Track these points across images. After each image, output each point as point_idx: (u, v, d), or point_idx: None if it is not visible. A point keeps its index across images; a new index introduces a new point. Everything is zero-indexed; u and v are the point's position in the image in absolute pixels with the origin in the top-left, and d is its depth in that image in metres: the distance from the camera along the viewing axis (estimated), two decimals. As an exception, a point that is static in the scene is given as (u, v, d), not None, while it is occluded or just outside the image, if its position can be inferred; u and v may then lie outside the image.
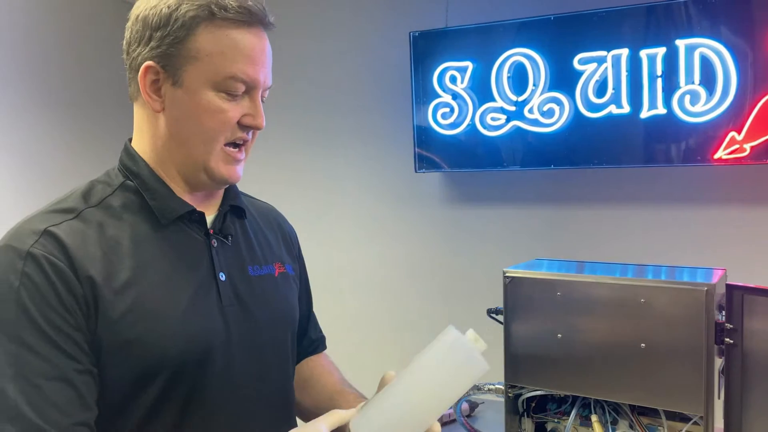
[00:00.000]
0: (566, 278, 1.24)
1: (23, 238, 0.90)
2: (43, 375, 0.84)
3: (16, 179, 2.88)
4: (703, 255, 2.38)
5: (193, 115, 0.97)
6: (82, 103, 3.22)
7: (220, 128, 0.98)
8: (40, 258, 0.88)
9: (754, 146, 2.18)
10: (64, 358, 0.86)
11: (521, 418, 1.35)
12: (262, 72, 1.00)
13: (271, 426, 1.06)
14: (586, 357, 1.22)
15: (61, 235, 0.90)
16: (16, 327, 0.85)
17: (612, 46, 2.36)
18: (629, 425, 1.27)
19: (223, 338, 0.99)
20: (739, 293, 1.10)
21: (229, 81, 0.97)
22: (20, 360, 0.84)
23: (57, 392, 0.85)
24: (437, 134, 2.72)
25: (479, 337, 0.88)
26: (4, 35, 2.87)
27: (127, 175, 1.02)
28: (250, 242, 1.12)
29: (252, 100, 1.00)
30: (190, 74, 0.96)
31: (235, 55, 0.96)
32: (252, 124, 1.00)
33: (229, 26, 0.96)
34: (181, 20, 0.95)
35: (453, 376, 0.89)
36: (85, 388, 0.87)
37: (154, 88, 0.98)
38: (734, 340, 1.10)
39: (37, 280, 0.87)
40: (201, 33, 0.95)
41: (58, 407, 0.84)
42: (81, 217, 0.95)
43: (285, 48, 3.11)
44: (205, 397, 0.97)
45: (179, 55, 0.96)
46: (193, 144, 0.99)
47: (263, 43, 1.01)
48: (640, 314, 1.17)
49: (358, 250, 3.09)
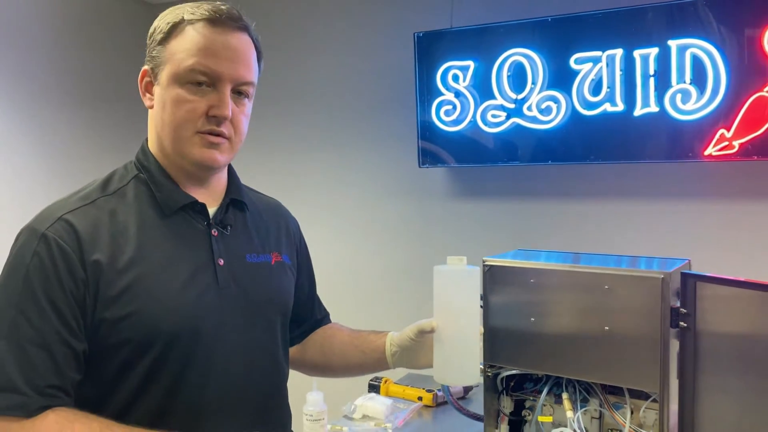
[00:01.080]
0: (538, 266, 1.34)
1: (43, 222, 1.04)
2: (30, 341, 0.99)
3: (35, 173, 3.04)
4: (691, 247, 2.46)
5: (165, 107, 1.10)
6: (99, 100, 3.37)
7: (188, 117, 1.08)
8: (51, 241, 1.02)
9: (743, 143, 2.26)
10: (51, 330, 1.00)
11: (500, 396, 1.46)
12: (227, 65, 1.09)
13: (260, 405, 1.18)
14: (556, 339, 1.32)
15: (75, 221, 1.04)
16: (20, 296, 1.00)
17: (607, 47, 2.44)
18: (599, 404, 1.37)
19: (217, 316, 1.10)
20: (692, 280, 1.19)
21: (189, 73, 1.07)
22: (15, 324, 0.99)
23: (38, 357, 0.99)
24: (440, 130, 2.82)
25: (455, 257, 1.18)
26: (28, 35, 3.02)
27: (140, 168, 1.15)
28: (249, 232, 1.24)
29: (218, 91, 1.09)
30: (165, 72, 1.09)
31: (194, 49, 1.07)
32: (216, 113, 1.09)
33: (195, 27, 1.09)
34: (162, 28, 1.10)
35: (464, 291, 1.18)
36: (62, 357, 1.01)
37: (148, 89, 1.13)
38: (688, 324, 1.19)
39: (44, 259, 1.01)
40: (174, 37, 1.09)
41: (36, 370, 0.99)
42: (95, 204, 1.08)
43: (298, 49, 3.24)
44: (196, 369, 1.09)
45: (160, 57, 1.10)
46: (167, 133, 1.11)
47: (229, 39, 1.10)
48: (604, 300, 1.26)
49: (364, 240, 3.21)
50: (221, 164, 1.15)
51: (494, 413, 1.45)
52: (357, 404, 1.85)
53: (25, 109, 2.99)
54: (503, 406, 1.46)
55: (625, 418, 1.30)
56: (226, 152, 1.14)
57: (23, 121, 2.99)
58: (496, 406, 1.46)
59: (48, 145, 3.09)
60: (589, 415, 1.35)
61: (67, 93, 3.18)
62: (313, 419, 1.61)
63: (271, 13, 3.32)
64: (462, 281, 1.18)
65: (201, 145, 1.10)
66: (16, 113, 2.96)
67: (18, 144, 2.97)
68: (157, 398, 1.07)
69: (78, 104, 3.23)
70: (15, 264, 1.03)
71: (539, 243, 2.58)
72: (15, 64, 2.95)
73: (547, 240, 2.73)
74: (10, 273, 1.03)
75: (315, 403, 1.62)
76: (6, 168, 2.91)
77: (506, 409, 1.45)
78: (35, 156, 3.03)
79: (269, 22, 3.26)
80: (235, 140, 1.15)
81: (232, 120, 1.12)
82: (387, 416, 1.81)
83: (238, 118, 1.13)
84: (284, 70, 3.27)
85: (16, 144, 2.96)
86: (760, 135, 2.22)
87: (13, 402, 0.97)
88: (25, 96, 2.99)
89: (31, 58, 3.02)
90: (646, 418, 1.29)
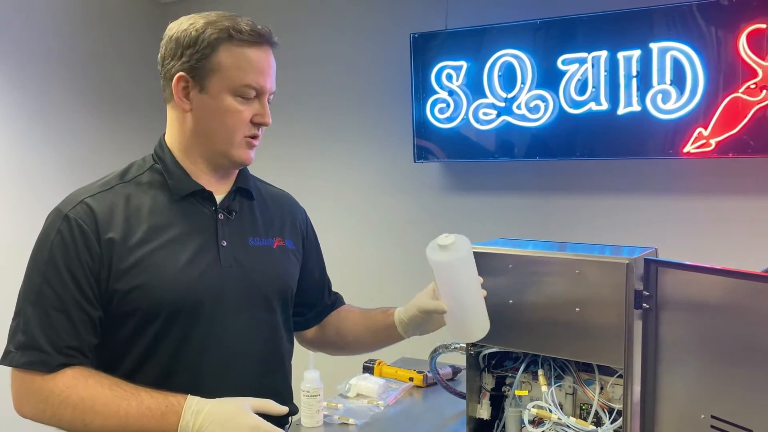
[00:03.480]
0: (516, 253, 1.46)
1: (67, 204, 1.19)
2: (52, 306, 1.14)
3: (54, 168, 3.15)
4: (670, 238, 2.57)
5: (216, 115, 1.24)
6: (118, 100, 3.48)
7: (238, 125, 1.24)
8: (72, 221, 1.17)
9: (719, 141, 2.37)
10: (71, 297, 1.15)
11: (482, 373, 1.58)
12: (269, 81, 1.27)
13: (258, 373, 1.30)
14: (532, 319, 1.43)
15: (94, 204, 1.19)
16: (45, 267, 1.15)
17: (592, 48, 2.55)
18: (573, 381, 1.48)
19: (218, 292, 1.23)
20: (654, 266, 1.30)
21: (243, 88, 1.23)
22: (41, 291, 1.15)
23: (59, 321, 1.14)
24: (434, 127, 2.92)
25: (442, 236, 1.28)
26: (50, 39, 3.13)
27: (156, 160, 1.29)
28: (254, 218, 1.37)
29: (261, 103, 1.26)
30: (213, 83, 1.22)
31: (248, 68, 1.23)
32: (261, 122, 1.26)
33: (243, 45, 1.23)
34: (207, 41, 1.21)
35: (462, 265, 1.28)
36: (80, 322, 1.16)
37: (184, 94, 1.24)
38: (650, 305, 1.31)
39: (66, 236, 1.16)
40: (222, 51, 1.22)
41: (57, 332, 1.14)
42: (113, 190, 1.23)
43: (297, 49, 3.35)
44: (196, 340, 1.22)
45: (204, 68, 1.22)
46: (217, 137, 1.25)
47: (269, 58, 1.27)
48: (576, 283, 1.38)
49: (361, 232, 3.33)
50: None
51: (477, 389, 1.57)
52: (351, 383, 1.97)
53: (39, 107, 3.10)
54: (485, 382, 1.57)
55: (595, 393, 1.42)
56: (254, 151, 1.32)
57: (36, 118, 3.09)
58: (478, 383, 1.57)
59: (61, 142, 3.20)
60: (564, 391, 1.46)
61: (76, 89, 3.28)
62: (309, 395, 1.74)
63: (270, 13, 3.42)
64: (457, 256, 1.28)
65: (246, 147, 1.27)
66: (31, 111, 3.07)
67: (32, 146, 3.09)
68: (162, 362, 1.20)
69: (91, 101, 3.34)
70: (42, 240, 1.18)
71: (527, 233, 2.69)
72: (30, 62, 3.05)
73: (534, 231, 2.84)
74: (38, 248, 1.18)
75: (312, 381, 1.74)
76: (22, 169, 3.04)
77: (488, 385, 1.56)
78: (48, 153, 3.14)
79: (268, 22, 3.36)
80: (259, 138, 1.32)
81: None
82: (379, 395, 1.93)
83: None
84: (283, 70, 3.36)
85: (30, 146, 3.08)
86: (736, 133, 2.33)
87: (36, 358, 1.13)
88: (39, 94, 3.10)
89: (46, 56, 3.12)
90: (614, 393, 1.41)
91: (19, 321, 1.15)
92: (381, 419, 1.81)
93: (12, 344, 1.15)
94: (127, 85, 3.50)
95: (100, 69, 3.39)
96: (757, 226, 2.47)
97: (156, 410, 1.11)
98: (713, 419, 1.17)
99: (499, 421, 1.55)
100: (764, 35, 2.27)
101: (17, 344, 1.14)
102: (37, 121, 3.09)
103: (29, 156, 3.06)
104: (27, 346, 1.13)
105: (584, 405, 1.45)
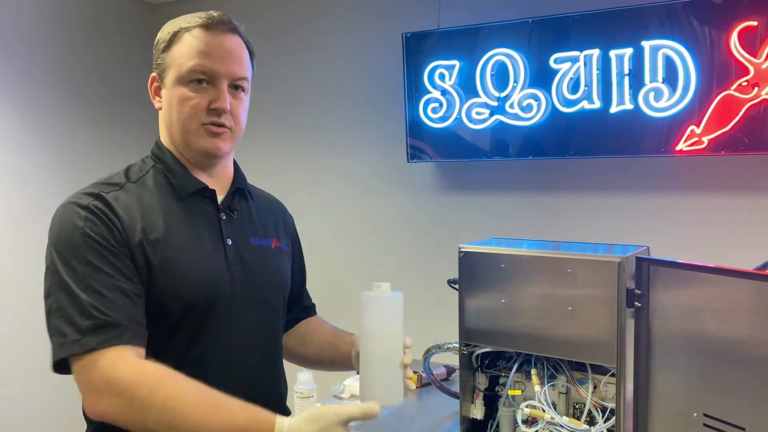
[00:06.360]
0: (508, 252, 1.45)
1: (82, 199, 1.17)
2: (105, 287, 1.10)
3: (48, 168, 3.14)
4: (663, 236, 2.57)
5: (172, 106, 1.25)
6: (108, 100, 3.47)
7: (192, 112, 1.23)
8: (95, 210, 1.15)
9: (711, 139, 2.37)
10: (121, 276, 1.12)
11: (476, 372, 1.57)
12: (222, 64, 1.24)
13: (259, 365, 1.31)
14: (524, 318, 1.42)
15: (110, 199, 1.18)
16: (85, 253, 1.11)
17: (584, 47, 2.55)
18: (566, 380, 1.48)
19: (228, 289, 1.24)
20: (646, 264, 1.31)
21: (190, 74, 1.22)
22: (88, 276, 1.10)
23: (118, 299, 1.11)
24: (428, 127, 2.92)
25: (380, 283, 1.22)
26: (39, 37, 3.11)
27: (156, 160, 1.29)
28: (253, 219, 1.38)
29: (217, 88, 1.24)
30: (169, 76, 1.24)
31: (193, 52, 1.23)
32: (216, 106, 1.24)
33: (192, 33, 1.24)
34: (165, 39, 1.25)
35: (386, 317, 1.21)
36: (137, 298, 1.13)
37: (156, 93, 1.27)
38: (642, 304, 1.31)
39: (96, 222, 1.14)
40: (175, 45, 1.24)
41: (119, 309, 1.10)
42: (124, 189, 1.22)
43: (288, 49, 3.35)
44: (208, 334, 1.22)
45: (164, 64, 1.25)
46: (176, 128, 1.26)
47: (222, 41, 1.25)
48: (568, 282, 1.37)
49: (355, 232, 3.33)
50: (224, 152, 1.30)
51: (470, 389, 1.56)
52: (345, 384, 1.97)
53: (31, 111, 3.09)
54: (478, 382, 1.56)
55: (588, 392, 1.42)
56: (228, 141, 1.28)
57: (29, 122, 3.08)
58: (471, 383, 1.57)
59: (54, 145, 3.19)
60: (557, 391, 1.46)
61: (69, 92, 3.27)
62: (303, 396, 1.74)
63: (264, 15, 3.42)
64: (384, 307, 1.21)
65: (206, 136, 1.25)
66: (23, 114, 3.06)
67: (26, 145, 3.07)
68: (173, 355, 1.19)
69: (83, 104, 3.33)
70: (68, 231, 1.13)
71: (520, 232, 2.70)
72: (22, 66, 3.04)
73: (528, 230, 2.84)
74: (68, 239, 1.13)
75: (305, 382, 1.74)
76: (15, 168, 3.02)
77: (481, 385, 1.55)
78: (42, 157, 3.13)
79: (258, 24, 3.36)
80: (236, 129, 1.29)
81: (232, 112, 1.27)
82: (373, 395, 1.92)
83: (236, 110, 1.28)
84: (274, 71, 3.38)
85: (24, 145, 3.06)
86: (728, 131, 2.33)
87: (114, 333, 1.07)
88: (31, 98, 3.08)
89: (38, 60, 3.11)
90: (607, 392, 1.40)
91: (68, 312, 1.08)
92: (375, 420, 1.80)
93: (69, 335, 1.06)
94: (118, 88, 3.49)
95: (91, 72, 3.38)
96: (750, 224, 2.48)
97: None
98: (706, 417, 1.18)
99: (492, 421, 1.55)
100: (756, 33, 2.27)
101: (82, 329, 1.06)
102: (29, 124, 3.08)
103: (21, 160, 3.05)
104: (94, 327, 1.06)
105: (577, 404, 1.44)
